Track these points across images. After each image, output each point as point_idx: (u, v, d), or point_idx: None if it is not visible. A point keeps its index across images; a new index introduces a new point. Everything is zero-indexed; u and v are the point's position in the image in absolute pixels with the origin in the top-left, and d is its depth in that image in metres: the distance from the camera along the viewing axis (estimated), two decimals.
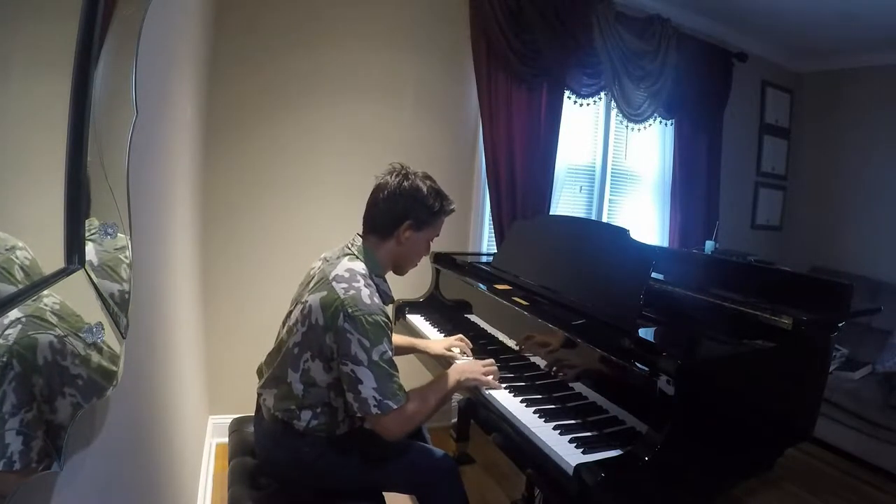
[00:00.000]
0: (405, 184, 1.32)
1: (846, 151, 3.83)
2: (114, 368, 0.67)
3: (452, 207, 1.41)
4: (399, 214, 1.32)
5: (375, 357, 1.19)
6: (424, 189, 1.32)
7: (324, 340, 1.22)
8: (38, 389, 0.51)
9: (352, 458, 1.33)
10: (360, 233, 1.39)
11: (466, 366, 1.49)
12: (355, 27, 2.45)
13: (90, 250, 0.65)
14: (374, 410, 1.19)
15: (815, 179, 4.01)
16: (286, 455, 1.31)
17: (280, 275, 2.16)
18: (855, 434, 2.72)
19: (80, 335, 0.59)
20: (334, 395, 1.28)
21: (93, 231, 0.66)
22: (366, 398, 1.19)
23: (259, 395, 1.39)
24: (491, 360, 1.52)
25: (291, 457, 1.30)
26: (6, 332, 0.47)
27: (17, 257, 0.50)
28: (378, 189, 1.34)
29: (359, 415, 1.23)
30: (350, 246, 1.35)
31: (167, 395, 1.32)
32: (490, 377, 1.47)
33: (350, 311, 1.18)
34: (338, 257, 1.32)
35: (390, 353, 1.23)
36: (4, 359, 0.46)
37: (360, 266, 1.28)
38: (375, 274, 1.32)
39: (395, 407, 1.20)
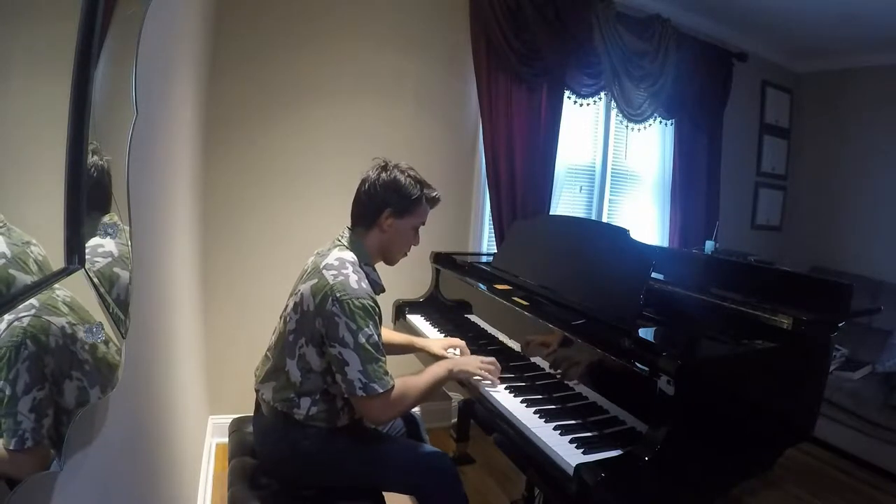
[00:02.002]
0: (383, 175, 1.38)
1: (846, 151, 3.83)
2: (118, 360, 0.68)
3: (434, 195, 1.45)
4: (379, 204, 1.38)
5: (362, 340, 1.22)
6: (402, 178, 1.39)
7: (314, 325, 1.26)
8: (50, 370, 0.54)
9: (352, 454, 1.34)
10: (349, 226, 1.44)
11: (463, 358, 1.53)
12: (355, 27, 2.45)
13: (110, 243, 0.68)
14: (360, 392, 1.22)
15: (815, 179, 4.01)
16: (287, 448, 1.32)
17: (280, 275, 2.16)
18: (855, 434, 2.72)
19: (82, 332, 0.60)
20: (331, 381, 1.31)
21: (109, 226, 0.69)
22: (352, 380, 1.22)
23: (257, 391, 1.40)
24: (493, 359, 1.52)
25: (292, 450, 1.31)
26: (21, 315, 0.50)
27: (31, 251, 0.52)
28: (361, 183, 1.42)
29: (345, 395, 1.28)
30: (340, 238, 1.41)
31: (167, 395, 1.32)
32: (486, 372, 1.48)
33: (338, 295, 1.23)
34: (329, 249, 1.37)
35: (376, 336, 1.26)
36: (19, 339, 0.48)
37: (349, 255, 1.33)
38: (364, 263, 1.37)
39: (381, 391, 1.23)
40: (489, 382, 1.49)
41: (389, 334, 1.73)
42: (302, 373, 1.30)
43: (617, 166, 3.29)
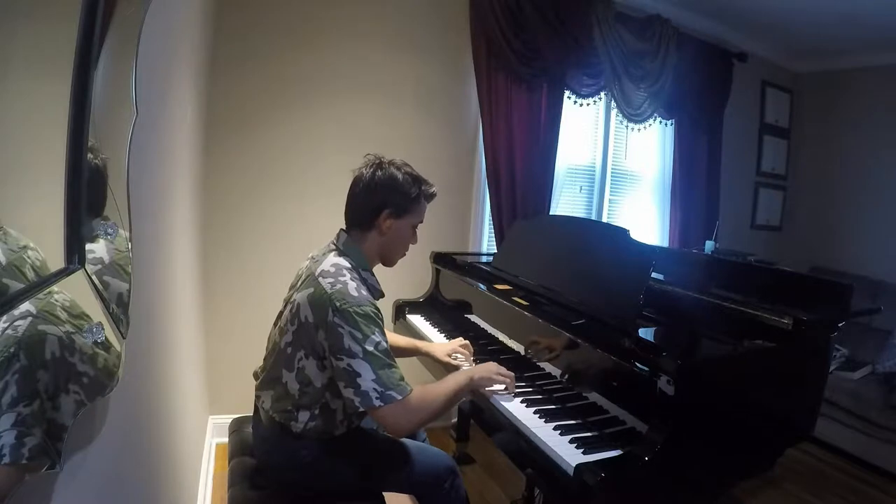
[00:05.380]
0: (379, 173, 1.32)
1: (846, 151, 3.83)
2: (117, 369, 0.67)
3: (433, 191, 1.39)
4: (377, 205, 1.32)
5: (370, 347, 1.16)
6: (400, 176, 1.32)
7: (315, 338, 1.20)
8: (43, 385, 0.51)
9: (350, 460, 1.32)
10: (344, 228, 1.38)
11: (482, 366, 1.45)
12: (355, 27, 2.45)
13: (101, 248, 0.66)
14: (377, 402, 1.15)
15: (815, 179, 4.01)
16: (284, 458, 1.30)
17: (280, 275, 2.16)
18: (855, 434, 2.72)
19: (82, 334, 0.60)
20: (331, 396, 1.26)
21: (100, 230, 0.67)
22: (366, 391, 1.15)
23: (257, 396, 1.38)
24: (510, 373, 1.46)
25: (289, 459, 1.29)
26: (16, 324, 0.46)
27: (28, 257, 0.50)
28: (355, 182, 1.35)
29: (361, 409, 1.17)
30: (335, 242, 1.35)
31: (167, 395, 1.32)
32: (503, 380, 1.42)
33: (338, 304, 1.17)
34: (323, 254, 1.32)
35: (384, 343, 1.20)
36: (12, 350, 0.46)
37: (345, 261, 1.28)
38: (362, 268, 1.31)
39: (400, 397, 1.16)
40: (504, 390, 1.43)
41: (392, 337, 1.68)
42: (300, 386, 1.25)
43: (617, 166, 3.29)
